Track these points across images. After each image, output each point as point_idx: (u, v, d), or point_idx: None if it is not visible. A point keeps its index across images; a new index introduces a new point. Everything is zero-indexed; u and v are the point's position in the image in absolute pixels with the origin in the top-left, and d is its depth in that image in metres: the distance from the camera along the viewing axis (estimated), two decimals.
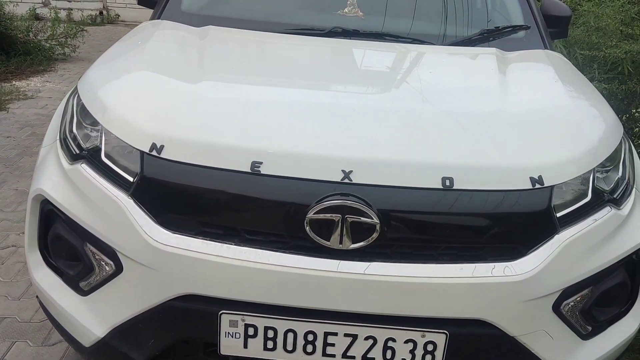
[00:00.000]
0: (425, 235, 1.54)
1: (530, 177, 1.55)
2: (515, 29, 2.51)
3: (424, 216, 1.53)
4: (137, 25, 2.63)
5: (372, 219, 1.47)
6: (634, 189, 1.81)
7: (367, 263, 1.50)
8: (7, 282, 2.68)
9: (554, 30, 2.76)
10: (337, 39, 2.34)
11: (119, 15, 11.18)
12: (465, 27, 2.49)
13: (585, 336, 1.68)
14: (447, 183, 1.51)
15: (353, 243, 1.49)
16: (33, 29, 7.31)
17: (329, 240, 1.49)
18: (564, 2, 3.20)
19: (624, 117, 3.81)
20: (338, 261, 1.49)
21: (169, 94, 1.79)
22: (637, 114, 3.83)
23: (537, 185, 1.55)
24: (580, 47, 4.01)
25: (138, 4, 2.95)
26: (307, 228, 1.48)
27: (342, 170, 1.50)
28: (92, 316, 1.67)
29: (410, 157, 1.55)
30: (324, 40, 2.33)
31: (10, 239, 3.04)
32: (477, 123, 1.74)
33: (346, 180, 1.49)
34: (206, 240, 1.53)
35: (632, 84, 3.63)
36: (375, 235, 1.48)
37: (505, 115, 1.80)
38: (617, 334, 1.73)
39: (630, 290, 1.73)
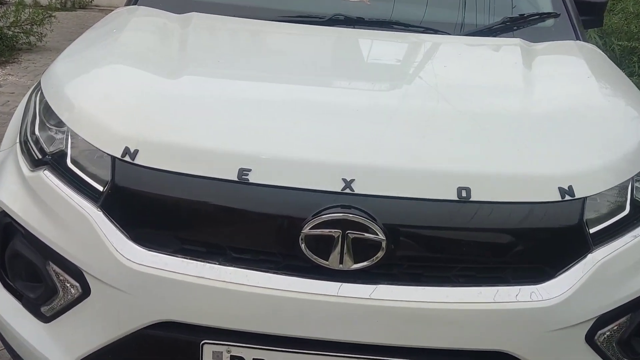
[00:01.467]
0: (439, 254, 1.53)
1: (559, 188, 1.54)
2: (542, 16, 2.50)
3: (436, 232, 1.52)
4: (112, 11, 2.64)
5: (377, 235, 1.46)
6: None
7: (373, 286, 1.49)
8: None
9: (587, 19, 2.76)
10: (339, 28, 2.34)
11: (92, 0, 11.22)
12: (486, 15, 2.49)
13: None
14: (464, 194, 1.50)
15: (355, 263, 1.49)
16: None
17: (327, 260, 1.48)
18: None
19: None
20: (339, 284, 1.49)
21: (145, 90, 1.79)
22: None
23: (567, 197, 1.54)
24: (618, 37, 4.02)
25: None
26: (303, 245, 1.48)
27: (342, 179, 1.50)
28: (56, 346, 1.66)
29: (421, 164, 1.55)
30: (323, 30, 2.32)
31: None
32: (498, 125, 1.73)
33: (347, 190, 1.49)
34: (186, 259, 1.52)
35: None
36: (380, 253, 1.48)
37: (531, 116, 1.80)
38: None
39: None
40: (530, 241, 1.54)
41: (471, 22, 2.45)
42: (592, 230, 1.58)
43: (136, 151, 1.56)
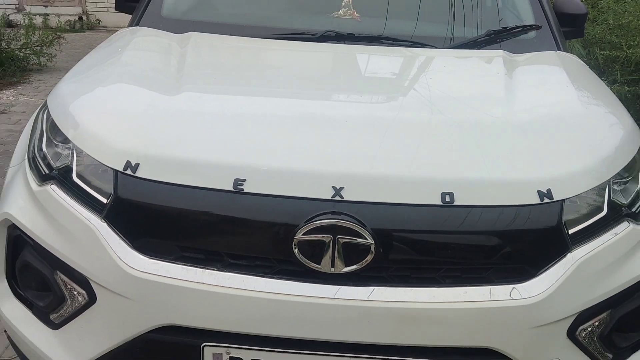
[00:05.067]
0: (425, 256, 1.55)
1: (538, 191, 1.57)
2: (525, 29, 2.52)
3: (422, 235, 1.55)
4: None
5: (366, 239, 1.49)
6: None
7: (370, 288, 1.51)
8: None
9: (569, 30, 2.78)
10: (330, 44, 2.37)
11: (100, 21, 11.30)
12: (471, 28, 2.52)
13: None
14: (447, 199, 1.52)
15: (346, 266, 1.51)
16: (5, 37, 7.38)
17: (319, 264, 1.51)
18: None
19: None
20: (336, 287, 1.51)
21: (145, 107, 1.81)
22: None
23: (546, 200, 1.56)
24: (601, 47, 4.04)
25: (115, 9, 2.99)
26: (296, 250, 1.50)
27: (332, 187, 1.52)
28: (64, 351, 1.68)
29: (406, 171, 1.57)
30: (315, 46, 2.36)
31: None
32: (480, 132, 1.75)
33: (337, 198, 1.51)
34: (186, 265, 1.55)
35: None
36: (370, 257, 1.50)
37: (511, 123, 1.82)
38: None
39: None
40: (512, 242, 1.56)
41: (456, 36, 2.47)
42: (571, 231, 1.60)
43: (137, 165, 1.58)
